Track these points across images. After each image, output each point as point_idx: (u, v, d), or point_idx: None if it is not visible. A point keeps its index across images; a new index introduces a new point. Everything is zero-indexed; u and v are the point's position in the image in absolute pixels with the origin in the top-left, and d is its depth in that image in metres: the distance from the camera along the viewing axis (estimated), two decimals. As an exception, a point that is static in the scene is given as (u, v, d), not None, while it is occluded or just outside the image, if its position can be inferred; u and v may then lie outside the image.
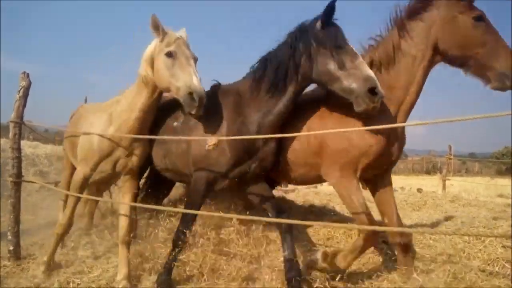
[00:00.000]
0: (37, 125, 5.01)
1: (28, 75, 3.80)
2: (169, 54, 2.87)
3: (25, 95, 3.81)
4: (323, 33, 2.76)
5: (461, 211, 6.36)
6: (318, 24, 2.79)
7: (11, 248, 3.70)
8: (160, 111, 3.38)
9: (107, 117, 3.27)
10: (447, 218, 5.30)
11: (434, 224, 5.08)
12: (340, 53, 2.69)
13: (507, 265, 3.29)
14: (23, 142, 4.10)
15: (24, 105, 3.80)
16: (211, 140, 2.90)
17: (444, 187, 10.73)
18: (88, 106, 4.15)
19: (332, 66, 2.69)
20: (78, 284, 3.11)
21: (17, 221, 3.76)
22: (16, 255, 3.71)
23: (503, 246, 3.56)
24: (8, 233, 3.73)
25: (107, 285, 3.10)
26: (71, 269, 3.38)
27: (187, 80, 2.74)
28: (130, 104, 3.18)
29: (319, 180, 3.33)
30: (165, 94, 3.27)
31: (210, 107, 2.96)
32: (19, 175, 3.79)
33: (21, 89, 3.77)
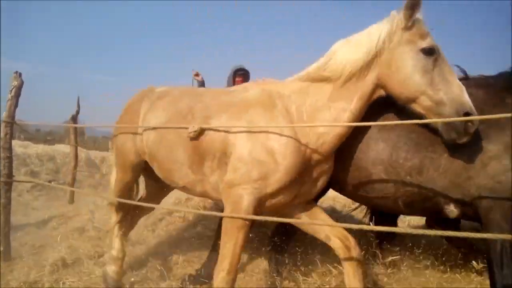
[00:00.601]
0: (29, 123, 4.89)
1: (20, 75, 3.79)
2: (429, 52, 2.02)
3: (17, 95, 3.79)
4: None
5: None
6: None
7: (1, 248, 3.66)
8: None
9: (285, 120, 2.21)
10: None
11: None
12: None
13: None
14: (13, 142, 4.06)
15: (16, 105, 3.79)
16: (193, 127, 2.34)
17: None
18: (202, 93, 2.74)
19: None
20: (69, 285, 3.10)
21: (7, 221, 3.73)
22: (6, 256, 3.67)
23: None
24: (-2, 234, 3.69)
25: (97, 286, 3.08)
26: (63, 270, 3.36)
27: (457, 94, 1.98)
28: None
29: None
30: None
31: None
32: (10, 175, 3.76)
33: (13, 88, 3.77)
